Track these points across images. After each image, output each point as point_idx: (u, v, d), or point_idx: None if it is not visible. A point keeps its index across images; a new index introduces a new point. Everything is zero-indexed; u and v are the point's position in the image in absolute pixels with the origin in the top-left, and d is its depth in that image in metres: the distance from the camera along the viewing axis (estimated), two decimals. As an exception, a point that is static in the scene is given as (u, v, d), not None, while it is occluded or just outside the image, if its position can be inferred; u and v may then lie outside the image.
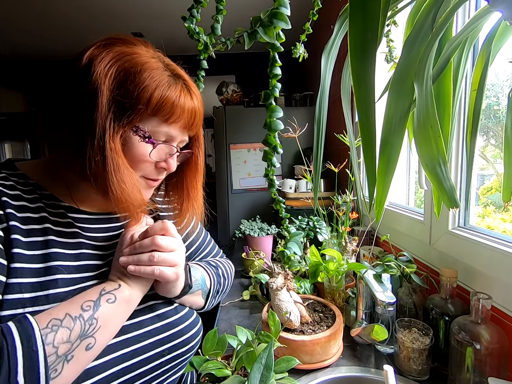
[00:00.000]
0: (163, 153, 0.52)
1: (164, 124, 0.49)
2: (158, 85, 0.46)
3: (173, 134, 0.51)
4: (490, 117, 0.83)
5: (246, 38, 0.38)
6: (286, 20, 0.37)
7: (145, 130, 0.48)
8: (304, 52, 0.67)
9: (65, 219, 0.49)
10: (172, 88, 0.48)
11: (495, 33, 0.39)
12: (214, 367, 0.50)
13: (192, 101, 0.51)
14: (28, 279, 0.42)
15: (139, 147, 0.49)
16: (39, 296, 0.42)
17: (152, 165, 0.52)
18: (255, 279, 1.06)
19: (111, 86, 0.44)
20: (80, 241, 0.50)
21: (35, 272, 0.43)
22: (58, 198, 0.50)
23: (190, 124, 0.52)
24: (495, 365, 0.52)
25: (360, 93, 0.30)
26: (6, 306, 0.39)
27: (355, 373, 0.65)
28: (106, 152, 0.44)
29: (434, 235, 0.80)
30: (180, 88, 0.49)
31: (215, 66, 1.49)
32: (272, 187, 0.44)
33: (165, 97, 0.47)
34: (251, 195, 2.13)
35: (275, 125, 0.41)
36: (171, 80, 0.49)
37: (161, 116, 0.48)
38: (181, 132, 0.53)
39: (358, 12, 0.28)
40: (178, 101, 0.48)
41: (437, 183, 0.34)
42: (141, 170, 0.51)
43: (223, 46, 0.43)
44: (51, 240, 0.46)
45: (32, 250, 0.43)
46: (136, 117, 0.46)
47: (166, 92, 0.47)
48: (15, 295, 0.40)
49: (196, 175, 0.62)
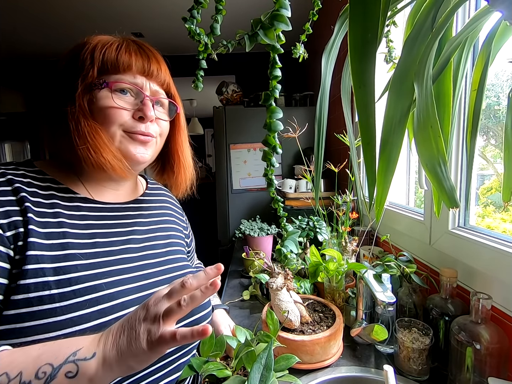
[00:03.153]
0: (133, 102, 0.54)
1: (119, 74, 0.53)
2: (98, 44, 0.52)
3: (135, 81, 0.54)
4: (490, 117, 0.83)
5: (247, 41, 0.38)
6: (287, 22, 0.37)
7: (101, 80, 0.51)
8: (304, 52, 0.67)
9: (80, 212, 0.53)
10: (111, 43, 0.53)
11: (495, 33, 0.39)
12: (215, 368, 0.50)
13: (141, 50, 0.56)
14: (49, 265, 0.45)
15: (101, 95, 0.52)
16: (62, 280, 0.45)
17: (127, 115, 0.54)
18: (255, 279, 1.06)
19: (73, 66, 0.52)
20: (95, 232, 0.52)
21: (55, 258, 0.45)
22: (73, 191, 0.54)
23: (148, 70, 0.55)
24: (495, 365, 0.52)
25: (360, 93, 0.30)
26: (34, 289, 0.42)
27: (355, 373, 0.65)
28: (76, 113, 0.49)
29: (434, 235, 0.80)
30: (121, 41, 0.54)
31: (215, 66, 1.50)
32: (271, 186, 0.44)
33: (106, 51, 0.52)
34: (251, 195, 2.13)
35: (275, 126, 0.41)
36: (111, 38, 0.55)
37: (111, 68, 0.52)
38: (146, 80, 0.56)
39: (358, 13, 0.28)
40: (120, 53, 0.53)
41: (437, 183, 0.34)
42: (117, 122, 0.53)
43: (224, 49, 0.43)
44: (66, 232, 0.49)
45: (50, 240, 0.46)
46: (88, 73, 0.50)
47: (105, 46, 0.52)
48: (39, 279, 0.43)
49: (178, 131, 0.65)
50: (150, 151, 0.58)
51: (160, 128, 0.59)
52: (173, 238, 0.67)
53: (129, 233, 0.57)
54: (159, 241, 0.62)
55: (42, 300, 0.42)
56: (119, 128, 0.53)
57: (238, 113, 2.10)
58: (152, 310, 0.37)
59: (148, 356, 0.36)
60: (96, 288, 0.47)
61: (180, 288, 0.38)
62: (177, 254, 0.65)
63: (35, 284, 0.42)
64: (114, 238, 0.55)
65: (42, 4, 2.17)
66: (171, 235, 0.67)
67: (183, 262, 0.64)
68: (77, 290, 0.45)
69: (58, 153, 0.56)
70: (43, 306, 0.42)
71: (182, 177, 0.67)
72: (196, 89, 0.49)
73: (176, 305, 0.36)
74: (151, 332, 0.35)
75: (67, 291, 0.44)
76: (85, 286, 0.46)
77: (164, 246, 0.63)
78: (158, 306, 0.37)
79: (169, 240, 0.65)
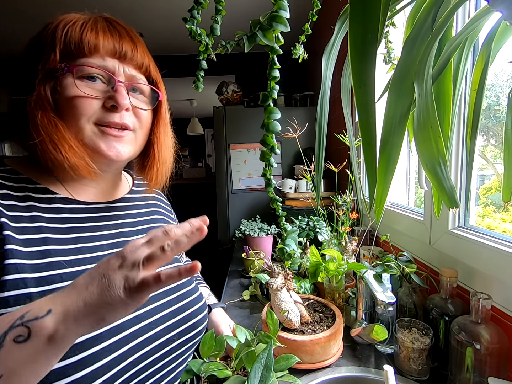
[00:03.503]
0: (103, 89, 0.48)
1: (86, 57, 0.46)
2: (60, 24, 0.46)
3: (104, 64, 0.47)
4: (490, 117, 0.83)
5: (245, 42, 0.38)
6: (286, 23, 0.37)
7: (63, 65, 0.45)
8: (304, 53, 0.67)
9: (60, 214, 0.47)
10: (75, 22, 0.46)
11: (495, 33, 0.39)
12: (215, 368, 0.50)
13: (112, 28, 0.49)
14: (30, 274, 0.40)
15: (66, 84, 0.45)
16: (46, 291, 0.40)
17: (97, 104, 0.47)
18: (255, 279, 1.06)
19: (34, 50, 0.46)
20: (79, 236, 0.47)
21: (36, 268, 0.41)
22: (52, 191, 0.48)
23: (121, 52, 0.48)
24: (495, 365, 0.52)
25: (360, 93, 0.30)
26: (14, 303, 0.38)
27: (355, 373, 0.65)
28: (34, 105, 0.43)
29: (434, 235, 0.80)
30: (87, 19, 0.48)
31: (215, 66, 1.49)
32: (269, 186, 0.44)
33: (69, 29, 0.45)
34: (251, 195, 2.13)
35: (273, 126, 0.41)
36: (76, 17, 0.48)
37: (76, 50, 0.45)
38: (119, 63, 0.49)
39: (358, 13, 0.28)
40: (85, 32, 0.46)
41: (437, 183, 0.34)
42: (86, 114, 0.46)
43: (223, 50, 0.43)
44: (47, 238, 0.44)
45: (28, 247, 0.41)
46: (50, 57, 0.44)
47: (68, 25, 0.46)
48: (20, 291, 0.38)
49: (158, 122, 0.56)
50: (128, 147, 0.50)
51: (139, 119, 0.52)
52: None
53: (116, 236, 0.53)
54: None
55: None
56: (89, 121, 0.46)
57: (238, 113, 2.10)
58: (130, 257, 0.33)
59: (126, 304, 0.32)
60: None
61: (162, 236, 0.35)
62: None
63: (15, 297, 0.38)
64: (100, 242, 0.50)
65: (41, 6, 2.17)
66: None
67: (175, 263, 0.62)
68: None
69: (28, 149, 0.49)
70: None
71: (153, 173, 0.58)
72: (197, 90, 0.49)
73: (159, 250, 0.33)
74: (129, 278, 0.32)
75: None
76: None
77: None
78: (137, 253, 0.34)
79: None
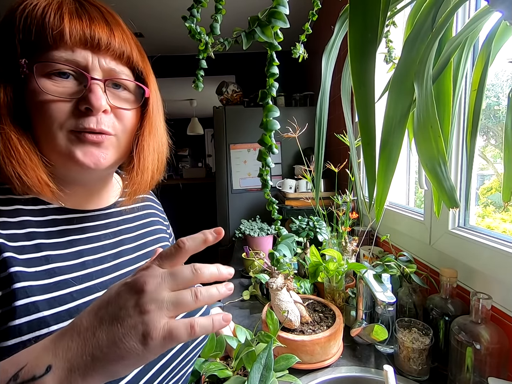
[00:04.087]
0: (74, 88, 0.40)
1: (51, 50, 0.38)
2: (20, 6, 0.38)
3: (75, 58, 0.39)
4: (490, 117, 0.83)
5: (244, 38, 0.38)
6: (285, 19, 0.37)
7: (23, 61, 0.37)
8: (304, 53, 0.67)
9: (57, 227, 0.42)
10: (37, 4, 0.38)
11: (495, 33, 0.39)
12: (216, 368, 0.50)
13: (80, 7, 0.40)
14: (41, 296, 0.36)
15: (30, 85, 0.37)
16: (60, 313, 0.37)
17: (68, 107, 0.39)
18: (255, 279, 1.06)
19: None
20: (81, 248, 0.44)
21: (46, 288, 0.37)
22: (43, 201, 0.43)
23: (93, 41, 0.39)
24: (495, 365, 0.52)
25: (360, 93, 0.30)
26: (28, 329, 0.34)
27: (355, 373, 0.65)
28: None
29: (434, 235, 0.80)
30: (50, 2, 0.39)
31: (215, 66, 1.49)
32: (265, 188, 0.43)
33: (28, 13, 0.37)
34: (251, 195, 2.13)
35: (271, 125, 0.40)
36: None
37: (38, 40, 0.37)
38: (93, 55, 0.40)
39: (358, 12, 0.28)
40: (48, 16, 0.37)
41: (437, 183, 0.34)
42: (55, 120, 0.38)
43: (221, 47, 0.43)
44: (49, 255, 0.39)
45: (31, 267, 0.37)
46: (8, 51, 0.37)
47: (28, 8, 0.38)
48: (32, 316, 0.34)
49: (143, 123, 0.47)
50: (109, 153, 0.43)
51: (121, 121, 0.44)
52: (162, 241, 0.60)
53: (118, 244, 0.49)
54: (150, 247, 0.56)
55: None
56: (61, 128, 0.39)
57: (238, 113, 2.10)
58: (152, 296, 0.26)
59: (143, 357, 0.26)
60: None
61: (191, 276, 0.29)
62: None
63: (28, 324, 0.34)
64: (104, 253, 0.46)
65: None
66: (160, 238, 0.60)
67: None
68: None
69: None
70: None
71: (134, 180, 0.49)
72: (197, 89, 0.49)
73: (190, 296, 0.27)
74: (149, 325, 0.25)
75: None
76: None
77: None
78: (160, 292, 0.27)
79: (159, 244, 0.59)
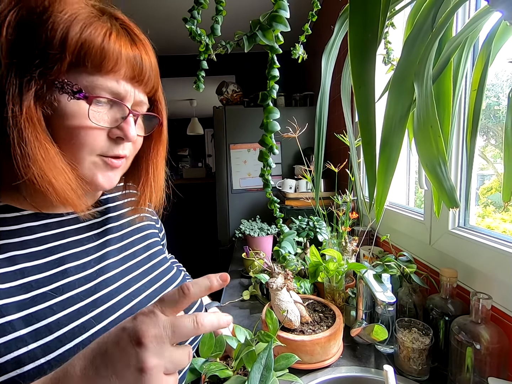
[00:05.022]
0: (112, 117, 0.41)
1: (98, 76, 0.37)
2: (75, 21, 0.35)
3: (118, 89, 0.39)
4: (490, 117, 0.83)
5: (245, 42, 0.38)
6: (286, 23, 0.37)
7: (73, 83, 0.36)
8: (303, 53, 0.67)
9: (34, 235, 0.40)
10: (96, 25, 0.37)
11: (495, 33, 0.39)
12: (217, 368, 0.50)
13: (134, 44, 0.40)
14: (15, 315, 0.34)
15: (70, 108, 0.36)
16: (38, 329, 0.35)
17: (103, 135, 0.40)
18: (255, 279, 1.06)
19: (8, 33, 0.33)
20: (61, 256, 0.41)
21: (21, 305, 0.35)
22: (16, 208, 0.40)
23: (139, 75, 0.41)
24: (495, 365, 0.52)
25: (360, 93, 0.30)
26: (5, 350, 0.32)
27: (355, 373, 0.65)
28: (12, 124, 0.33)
29: (434, 235, 0.80)
30: (110, 26, 0.38)
31: (215, 66, 1.49)
32: (267, 187, 0.44)
33: (87, 36, 0.35)
34: (251, 195, 2.13)
35: (272, 126, 0.41)
36: (93, 15, 0.37)
37: (91, 64, 0.36)
38: (131, 88, 0.41)
39: (358, 13, 0.28)
40: (108, 42, 0.37)
41: (437, 183, 0.34)
42: (87, 143, 0.38)
43: (223, 50, 0.43)
44: (24, 268, 0.37)
45: (4, 283, 0.35)
46: (54, 67, 0.34)
47: (88, 29, 0.36)
48: (8, 336, 0.33)
49: (158, 145, 0.50)
50: (119, 174, 0.45)
51: (134, 146, 0.46)
52: (150, 238, 0.57)
53: (102, 246, 0.47)
54: (138, 246, 0.53)
55: (21, 360, 0.32)
56: (91, 153, 0.39)
57: (238, 113, 2.10)
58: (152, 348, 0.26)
59: None
60: (85, 327, 0.38)
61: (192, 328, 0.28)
62: (159, 256, 0.56)
63: (5, 344, 0.32)
64: (86, 258, 0.43)
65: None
66: (148, 234, 0.57)
67: (166, 264, 0.57)
68: (63, 335, 0.36)
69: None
70: (23, 368, 0.32)
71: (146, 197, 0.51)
72: (198, 90, 0.49)
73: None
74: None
75: (50, 341, 0.35)
76: (71, 328, 0.37)
77: (145, 251, 0.54)
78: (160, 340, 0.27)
79: (147, 241, 0.56)
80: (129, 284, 0.47)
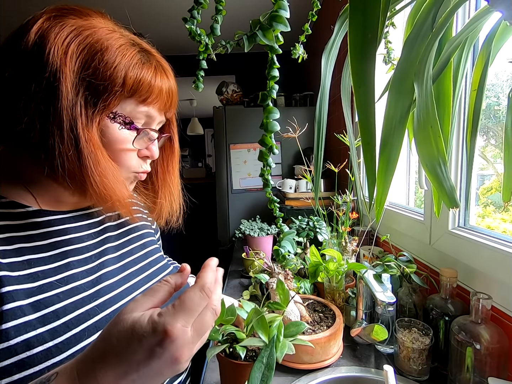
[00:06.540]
0: (143, 141, 0.48)
1: (141, 105, 0.45)
2: (132, 63, 0.42)
3: (152, 115, 0.47)
4: (490, 117, 0.83)
5: (245, 41, 0.38)
6: (286, 23, 0.37)
7: (125, 115, 0.43)
8: (303, 53, 0.67)
9: (39, 229, 0.42)
10: (146, 66, 0.44)
11: (495, 33, 0.39)
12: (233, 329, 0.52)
13: (168, 80, 0.48)
14: (25, 301, 0.37)
15: (120, 135, 0.44)
16: (47, 314, 0.37)
17: (135, 155, 0.48)
18: (255, 279, 1.06)
19: (74, 66, 0.38)
20: (64, 250, 0.44)
21: (29, 292, 0.37)
22: (22, 204, 0.42)
23: (169, 104, 0.49)
24: (495, 365, 0.52)
25: (360, 93, 0.30)
26: (15, 333, 0.34)
27: (355, 373, 0.65)
28: (81, 144, 0.38)
29: (434, 235, 0.80)
30: (155, 66, 0.46)
31: (215, 66, 1.49)
32: (267, 187, 0.44)
33: (142, 77, 0.43)
34: (251, 195, 2.13)
35: (272, 126, 0.41)
36: (143, 57, 0.45)
37: (138, 96, 0.44)
38: (159, 114, 0.49)
39: (358, 12, 0.28)
40: (155, 81, 0.45)
41: (437, 183, 0.34)
42: (126, 163, 0.46)
43: (223, 50, 0.43)
44: (31, 259, 0.40)
45: (14, 271, 0.37)
46: (114, 100, 0.41)
47: (142, 71, 0.43)
48: (19, 320, 0.35)
49: (172, 159, 0.58)
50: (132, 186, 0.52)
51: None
52: (146, 237, 0.60)
53: (101, 243, 0.50)
54: (135, 244, 0.56)
55: (30, 343, 0.35)
56: (127, 171, 0.47)
57: (238, 113, 2.10)
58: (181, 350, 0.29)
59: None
60: (90, 314, 0.41)
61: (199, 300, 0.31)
62: (155, 254, 0.59)
63: (15, 328, 0.34)
64: (87, 254, 0.47)
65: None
66: (144, 234, 0.60)
67: (162, 262, 0.60)
68: (69, 321, 0.38)
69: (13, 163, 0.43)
70: (33, 351, 0.34)
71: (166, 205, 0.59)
72: (197, 90, 0.49)
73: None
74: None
75: (58, 325, 0.37)
76: (77, 315, 0.40)
77: (141, 249, 0.57)
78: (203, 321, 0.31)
79: (143, 240, 0.59)
80: (128, 278, 0.50)
